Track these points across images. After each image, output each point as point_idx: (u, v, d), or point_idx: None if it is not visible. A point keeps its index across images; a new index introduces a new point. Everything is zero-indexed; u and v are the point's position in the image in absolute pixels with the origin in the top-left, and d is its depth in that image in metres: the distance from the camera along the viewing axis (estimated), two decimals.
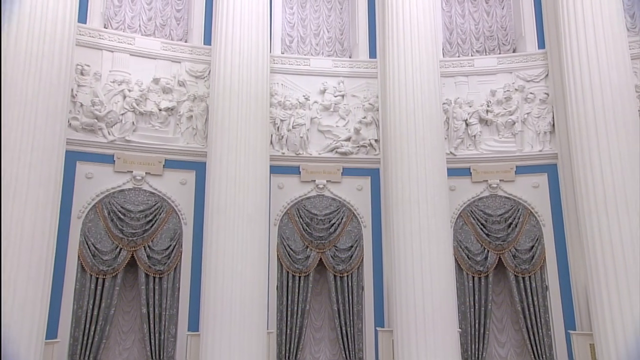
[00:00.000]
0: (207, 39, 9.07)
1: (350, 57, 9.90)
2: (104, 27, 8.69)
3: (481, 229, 8.85)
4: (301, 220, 8.90)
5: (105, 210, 8.05)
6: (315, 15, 10.07)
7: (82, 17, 8.25)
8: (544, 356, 8.34)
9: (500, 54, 9.63)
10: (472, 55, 9.71)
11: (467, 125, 9.26)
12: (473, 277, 8.75)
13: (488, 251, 8.77)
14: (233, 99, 7.98)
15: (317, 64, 9.63)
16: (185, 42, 9.20)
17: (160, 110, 8.66)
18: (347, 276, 8.83)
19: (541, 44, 9.34)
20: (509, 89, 9.30)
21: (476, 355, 8.50)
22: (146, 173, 8.41)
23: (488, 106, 9.31)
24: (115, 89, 8.45)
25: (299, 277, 8.70)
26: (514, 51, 9.65)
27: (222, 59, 8.16)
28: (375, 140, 9.38)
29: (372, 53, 9.72)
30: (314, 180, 9.10)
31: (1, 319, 5.83)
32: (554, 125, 9.02)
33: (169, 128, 8.76)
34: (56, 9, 7.09)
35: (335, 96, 9.51)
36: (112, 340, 8.01)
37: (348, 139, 9.34)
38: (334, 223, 8.97)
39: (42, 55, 6.85)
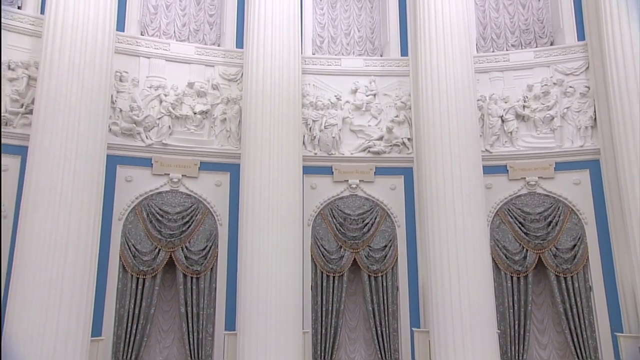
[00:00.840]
0: (240, 43, 9.21)
1: (381, 56, 9.84)
2: (141, 35, 8.96)
3: (519, 228, 8.62)
4: (334, 221, 8.91)
5: (145, 212, 8.28)
6: (345, 14, 10.05)
7: (120, 25, 8.54)
8: (589, 359, 8.04)
9: (537, 47, 9.33)
10: (507, 50, 9.46)
11: (503, 121, 9.05)
12: (512, 277, 8.53)
13: (527, 250, 8.53)
14: (265, 101, 8.08)
15: (348, 63, 9.61)
16: (218, 46, 9.37)
17: (195, 113, 8.85)
18: (382, 276, 8.78)
19: (581, 35, 9.01)
20: (547, 83, 9.01)
21: (516, 357, 8.28)
22: (182, 175, 8.61)
23: (525, 101, 9.06)
24: (152, 94, 8.70)
25: (333, 277, 8.71)
26: (551, 44, 9.33)
27: (254, 61, 8.27)
28: (408, 139, 9.29)
29: (404, 51, 9.63)
30: (347, 180, 9.09)
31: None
32: (595, 119, 8.68)
33: (204, 131, 8.93)
34: (96, 19, 7.37)
35: (367, 95, 9.47)
36: (152, 339, 8.24)
37: (380, 138, 9.29)
38: (368, 223, 8.93)
39: (84, 64, 7.13)
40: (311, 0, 9.84)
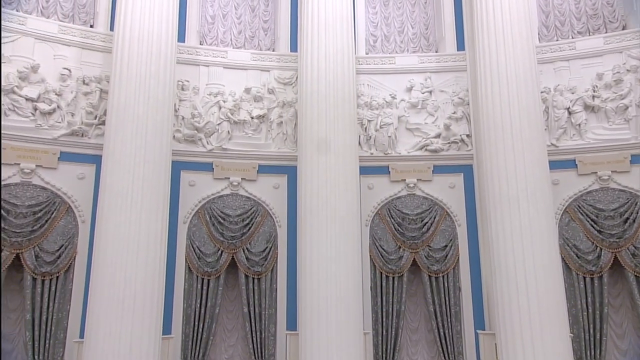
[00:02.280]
0: (294, 46, 9.34)
1: (436, 52, 9.62)
2: (200, 44, 9.30)
3: (591, 226, 8.11)
4: (392, 220, 8.80)
5: (207, 215, 8.59)
6: (398, 12, 9.92)
7: (181, 36, 8.89)
8: None
9: (607, 32, 8.75)
10: (572, 38, 8.94)
11: (569, 113, 8.57)
12: (584, 277, 8.04)
13: (601, 249, 8.01)
14: (320, 103, 8.14)
15: (402, 61, 9.47)
16: (273, 51, 9.55)
17: (252, 118, 9.07)
18: (443, 276, 8.57)
19: None
20: (619, 71, 8.41)
21: None
22: (242, 179, 8.84)
23: (594, 91, 8.52)
24: (212, 101, 9.00)
25: (393, 277, 8.61)
26: (623, 28, 8.71)
27: (309, 64, 8.36)
28: (467, 136, 9.03)
29: (460, 45, 9.36)
30: (404, 180, 8.96)
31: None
32: None
33: (261, 135, 9.13)
34: (160, 32, 7.76)
35: (423, 93, 9.29)
36: (218, 338, 8.50)
37: (438, 136, 9.09)
38: (427, 222, 8.76)
39: (150, 75, 7.53)
40: (363, 0, 9.81)
